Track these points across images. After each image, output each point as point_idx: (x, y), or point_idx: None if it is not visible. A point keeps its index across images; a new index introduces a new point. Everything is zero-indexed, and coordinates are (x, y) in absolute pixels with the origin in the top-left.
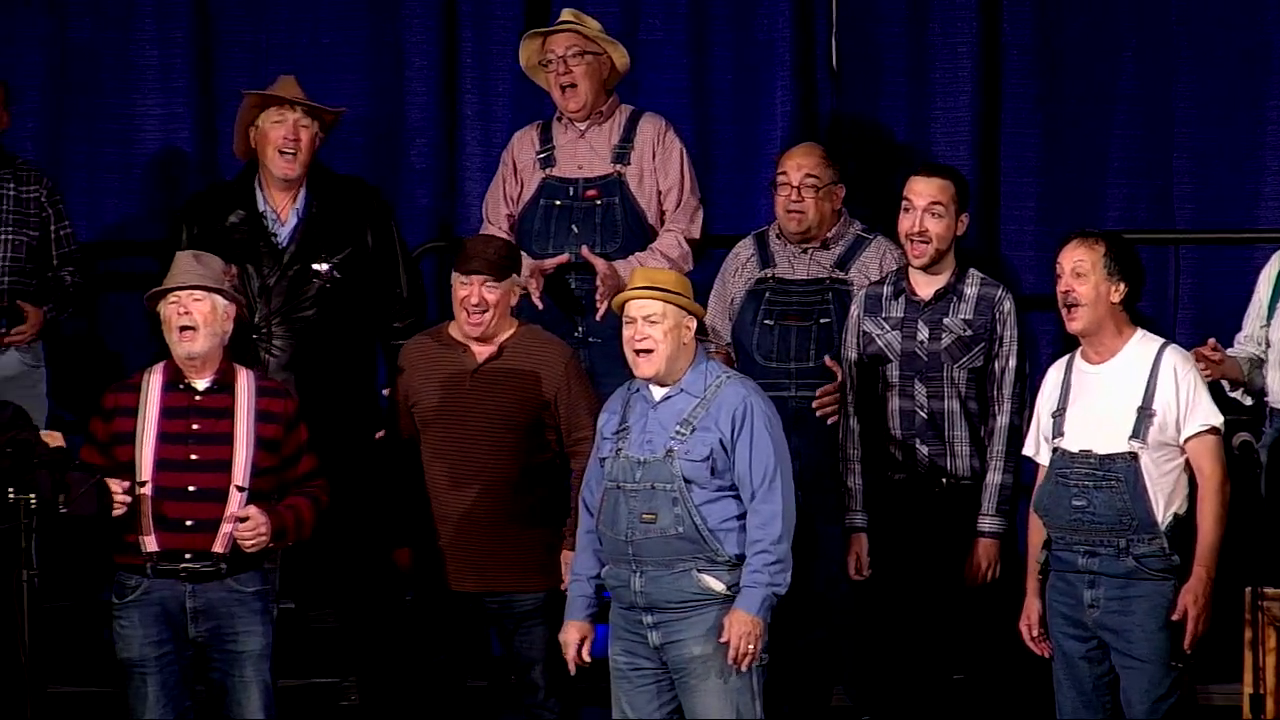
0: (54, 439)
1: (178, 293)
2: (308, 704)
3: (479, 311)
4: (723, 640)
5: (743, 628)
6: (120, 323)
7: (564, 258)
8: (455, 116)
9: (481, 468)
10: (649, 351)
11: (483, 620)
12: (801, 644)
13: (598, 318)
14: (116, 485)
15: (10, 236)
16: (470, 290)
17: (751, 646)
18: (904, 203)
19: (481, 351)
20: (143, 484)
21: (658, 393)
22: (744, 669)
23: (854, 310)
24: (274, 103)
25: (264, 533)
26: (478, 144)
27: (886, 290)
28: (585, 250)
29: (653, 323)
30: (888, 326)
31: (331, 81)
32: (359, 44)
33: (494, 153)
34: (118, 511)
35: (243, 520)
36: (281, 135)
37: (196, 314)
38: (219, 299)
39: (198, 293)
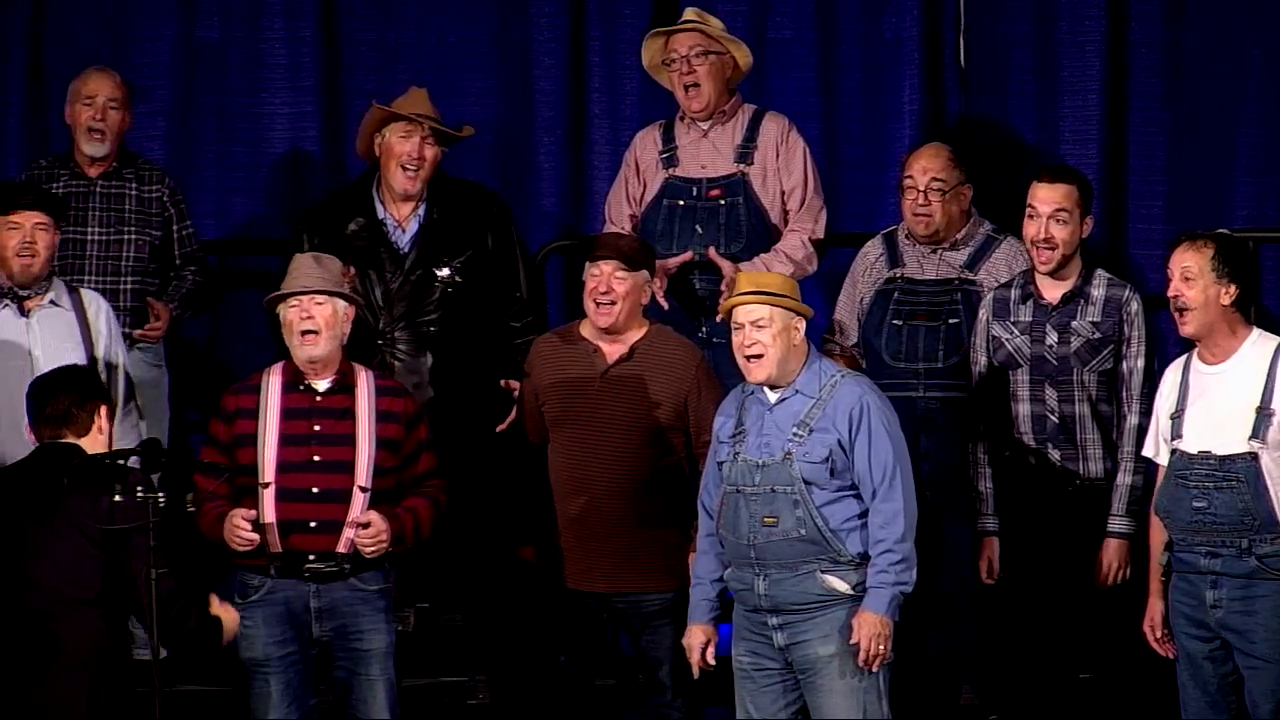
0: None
1: (299, 296)
2: (436, 702)
3: (608, 302)
4: (853, 642)
5: (872, 629)
6: (244, 322)
7: (687, 256)
8: (583, 115)
9: (610, 469)
10: (759, 357)
11: (610, 620)
12: (929, 643)
13: (718, 318)
14: (242, 520)
15: (134, 236)
16: (600, 279)
17: (882, 647)
18: (1028, 209)
19: (612, 353)
20: (265, 485)
21: (773, 395)
22: (875, 669)
23: (982, 314)
24: (403, 116)
25: (384, 539)
26: (605, 143)
27: (1014, 294)
28: (711, 252)
29: (760, 327)
30: (1016, 331)
31: (460, 80)
32: (486, 43)
33: (622, 152)
34: (244, 548)
35: (364, 526)
36: (406, 152)
37: (319, 318)
38: (339, 302)
39: (319, 296)
